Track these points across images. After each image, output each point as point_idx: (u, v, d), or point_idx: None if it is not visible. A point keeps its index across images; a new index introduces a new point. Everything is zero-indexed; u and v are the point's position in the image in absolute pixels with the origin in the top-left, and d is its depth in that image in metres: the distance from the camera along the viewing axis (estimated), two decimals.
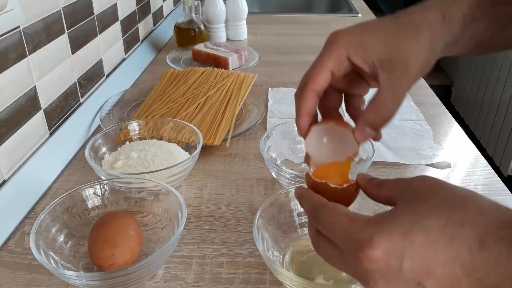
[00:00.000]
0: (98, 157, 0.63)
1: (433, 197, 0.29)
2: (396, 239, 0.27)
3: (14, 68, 0.57)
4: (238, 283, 0.47)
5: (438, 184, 0.31)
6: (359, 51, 0.36)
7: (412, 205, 0.29)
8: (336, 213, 0.31)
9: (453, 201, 0.29)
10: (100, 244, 0.46)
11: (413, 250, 0.27)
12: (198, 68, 0.93)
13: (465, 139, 0.76)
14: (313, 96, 0.37)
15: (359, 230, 0.29)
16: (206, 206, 0.59)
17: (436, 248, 0.27)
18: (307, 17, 1.55)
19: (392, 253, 0.27)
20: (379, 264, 0.28)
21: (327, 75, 0.36)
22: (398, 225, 0.28)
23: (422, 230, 0.27)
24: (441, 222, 0.27)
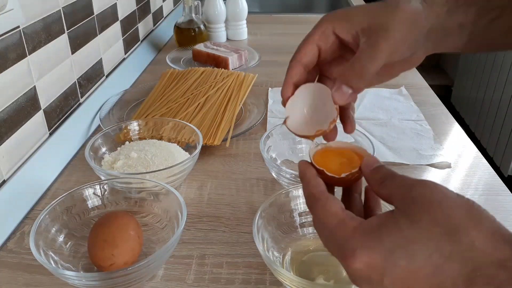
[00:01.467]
0: (98, 157, 0.63)
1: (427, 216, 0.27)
2: (378, 258, 0.27)
3: (14, 68, 0.57)
4: (238, 283, 0.47)
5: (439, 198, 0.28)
6: (343, 23, 0.37)
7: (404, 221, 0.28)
8: (327, 213, 0.31)
9: (446, 225, 0.27)
10: (100, 244, 0.45)
11: (395, 272, 0.27)
12: (198, 68, 0.93)
13: (465, 139, 0.76)
14: (299, 67, 0.38)
15: (345, 238, 0.29)
16: (206, 206, 0.59)
17: (418, 277, 0.26)
18: (307, 17, 1.55)
19: (373, 269, 0.27)
20: (361, 274, 0.28)
21: (312, 48, 0.38)
22: (382, 245, 0.27)
23: (405, 256, 0.27)
24: (428, 250, 0.26)
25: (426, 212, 0.28)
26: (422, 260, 0.26)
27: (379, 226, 0.29)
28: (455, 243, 0.26)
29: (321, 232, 0.32)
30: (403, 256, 0.27)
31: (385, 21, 0.35)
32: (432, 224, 0.27)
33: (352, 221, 0.30)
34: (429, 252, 0.26)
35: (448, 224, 0.27)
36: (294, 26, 1.44)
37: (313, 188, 0.33)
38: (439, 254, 0.26)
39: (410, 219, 0.28)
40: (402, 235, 0.27)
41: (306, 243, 0.51)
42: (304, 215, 0.52)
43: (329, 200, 0.32)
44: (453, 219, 0.27)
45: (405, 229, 0.27)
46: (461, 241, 0.26)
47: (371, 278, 0.28)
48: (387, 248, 0.27)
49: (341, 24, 0.37)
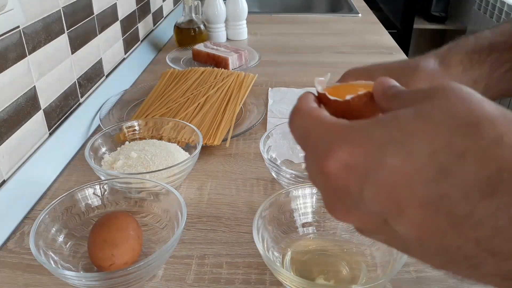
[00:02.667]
0: (98, 157, 0.63)
1: (442, 106, 0.20)
2: (361, 154, 0.21)
3: (14, 68, 0.57)
4: (238, 284, 0.47)
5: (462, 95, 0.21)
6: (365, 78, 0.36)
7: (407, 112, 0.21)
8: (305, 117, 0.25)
9: (466, 117, 0.19)
10: (99, 244, 0.45)
11: (381, 173, 0.20)
12: (198, 68, 0.93)
13: None
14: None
15: (320, 136, 0.23)
16: (206, 206, 0.59)
17: (414, 180, 0.19)
18: (307, 17, 1.55)
19: (352, 170, 0.21)
20: (335, 181, 0.22)
21: None
22: (370, 137, 0.21)
23: (401, 151, 0.20)
24: (433, 145, 0.19)
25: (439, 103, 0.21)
26: (423, 158, 0.19)
27: (370, 121, 0.22)
28: (475, 137, 0.19)
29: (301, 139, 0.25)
30: (396, 153, 0.20)
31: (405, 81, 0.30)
32: (446, 114, 0.20)
33: (331, 117, 0.24)
34: (435, 148, 0.19)
35: (469, 116, 0.19)
36: (294, 26, 1.44)
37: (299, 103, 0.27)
38: (448, 152, 0.19)
39: (416, 109, 0.21)
40: (399, 128, 0.21)
41: (306, 243, 0.51)
42: (303, 215, 0.52)
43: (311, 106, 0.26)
44: (477, 112, 0.20)
45: (407, 121, 0.21)
46: (483, 135, 0.19)
47: (348, 188, 0.21)
48: (376, 143, 0.21)
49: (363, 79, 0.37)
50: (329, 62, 1.12)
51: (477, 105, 0.20)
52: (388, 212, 0.21)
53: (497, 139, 0.18)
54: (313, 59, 1.14)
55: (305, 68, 1.08)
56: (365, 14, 1.57)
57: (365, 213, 0.22)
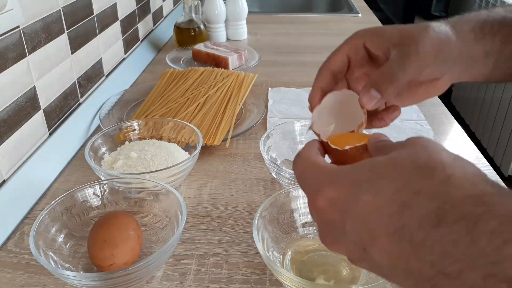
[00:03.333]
0: (98, 157, 0.63)
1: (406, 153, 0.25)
2: (342, 193, 0.25)
3: (14, 68, 0.57)
4: (238, 284, 0.47)
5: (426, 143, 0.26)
6: (375, 37, 0.38)
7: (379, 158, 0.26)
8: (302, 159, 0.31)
9: (423, 163, 0.24)
10: (99, 244, 0.45)
11: (358, 208, 0.24)
12: (198, 68, 0.93)
13: (466, 139, 0.76)
14: (327, 74, 0.39)
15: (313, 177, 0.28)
16: (206, 206, 0.59)
17: (382, 213, 0.23)
18: (307, 17, 1.55)
19: (336, 205, 0.25)
20: (324, 216, 0.26)
21: (342, 57, 0.39)
22: (349, 179, 0.26)
23: (371, 189, 0.24)
24: (396, 184, 0.24)
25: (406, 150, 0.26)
26: (389, 195, 0.24)
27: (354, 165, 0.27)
28: (428, 178, 0.23)
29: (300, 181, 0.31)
30: (368, 191, 0.24)
31: (417, 37, 0.36)
32: (410, 161, 0.25)
33: (324, 163, 0.29)
34: (397, 187, 0.24)
35: (426, 162, 0.24)
36: (294, 26, 1.44)
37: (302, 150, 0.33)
38: (407, 190, 0.23)
39: (387, 157, 0.26)
40: (373, 170, 0.25)
41: (306, 243, 0.51)
42: (303, 215, 0.52)
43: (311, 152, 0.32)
44: (434, 159, 0.24)
45: (379, 165, 0.25)
46: (434, 176, 0.23)
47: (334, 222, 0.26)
48: (354, 182, 0.25)
49: (372, 38, 0.38)
50: None
51: (435, 153, 0.25)
52: (365, 241, 0.24)
53: (445, 179, 0.23)
54: (313, 59, 1.14)
55: (305, 68, 1.08)
56: (365, 14, 1.57)
57: (349, 243, 0.26)
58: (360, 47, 0.38)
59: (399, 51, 0.36)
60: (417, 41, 0.35)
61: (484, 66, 0.39)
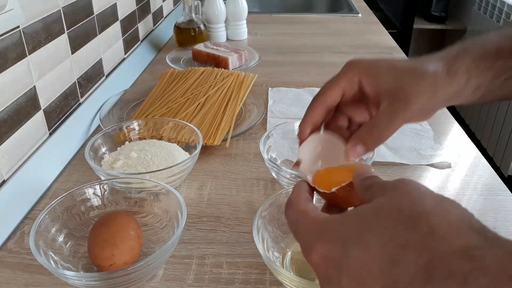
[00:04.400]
0: (98, 157, 0.63)
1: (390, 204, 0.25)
2: (333, 250, 0.26)
3: (14, 68, 0.57)
4: (238, 283, 0.47)
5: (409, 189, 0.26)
6: (370, 78, 0.39)
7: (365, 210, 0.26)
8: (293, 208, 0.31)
9: (407, 213, 0.24)
10: (99, 244, 0.45)
11: (349, 264, 0.25)
12: (198, 68, 0.93)
13: (465, 139, 0.76)
14: (321, 108, 0.40)
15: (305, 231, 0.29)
16: (206, 206, 0.59)
17: (373, 269, 0.23)
18: (307, 17, 1.55)
19: (329, 263, 0.26)
20: (320, 270, 0.27)
21: (337, 92, 0.39)
22: (337, 233, 0.26)
23: (359, 245, 0.24)
24: (383, 239, 0.24)
25: (389, 200, 0.26)
26: (376, 250, 0.24)
27: (341, 216, 0.27)
28: (412, 230, 0.23)
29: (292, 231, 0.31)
30: (357, 246, 0.24)
31: (408, 90, 0.37)
32: (393, 211, 0.25)
33: (314, 213, 0.30)
34: (384, 241, 0.24)
35: (409, 212, 0.24)
36: (294, 26, 1.44)
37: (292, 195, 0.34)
38: (394, 244, 0.23)
39: (372, 207, 0.26)
40: (359, 224, 0.25)
41: None
42: None
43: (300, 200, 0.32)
44: (417, 207, 0.24)
45: (364, 217, 0.26)
46: (419, 228, 0.23)
47: (329, 276, 0.26)
48: (342, 237, 0.26)
49: (367, 79, 0.39)
50: (329, 62, 1.12)
51: (418, 200, 0.25)
52: None
53: (430, 232, 0.23)
54: (313, 59, 1.14)
55: (305, 68, 1.08)
56: (365, 14, 1.57)
57: None
58: (355, 83, 0.39)
59: (389, 104, 0.37)
60: (408, 96, 0.37)
61: (472, 97, 0.40)
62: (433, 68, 0.38)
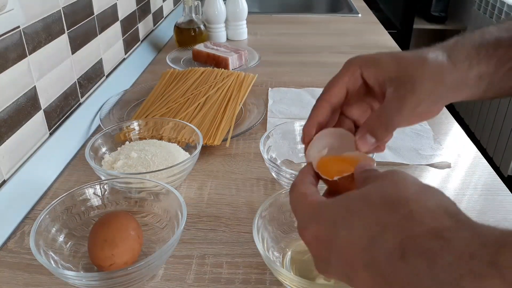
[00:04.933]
0: (98, 157, 0.63)
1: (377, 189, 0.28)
2: (323, 230, 0.28)
3: (14, 68, 0.57)
4: (238, 283, 0.47)
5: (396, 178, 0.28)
6: (371, 69, 0.38)
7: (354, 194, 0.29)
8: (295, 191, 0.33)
9: (391, 198, 0.26)
10: (100, 244, 0.45)
11: (338, 244, 0.27)
12: (198, 68, 0.93)
13: (465, 139, 0.76)
14: (325, 106, 0.39)
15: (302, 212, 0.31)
16: (206, 206, 0.59)
17: (357, 248, 0.26)
18: (307, 17, 1.55)
19: (320, 242, 0.28)
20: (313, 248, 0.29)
21: (341, 89, 0.39)
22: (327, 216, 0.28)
23: (346, 226, 0.27)
24: (366, 220, 0.26)
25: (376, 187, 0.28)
26: (360, 231, 0.26)
27: (333, 200, 0.29)
28: (393, 213, 0.25)
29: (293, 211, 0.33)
30: (343, 227, 0.27)
31: (413, 74, 0.36)
32: (378, 196, 0.27)
33: (312, 196, 0.31)
34: (367, 222, 0.26)
35: (393, 197, 0.26)
36: (294, 26, 1.44)
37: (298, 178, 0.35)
38: (375, 225, 0.25)
39: (360, 193, 0.28)
40: (347, 207, 0.28)
41: None
42: None
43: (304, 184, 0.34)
44: (400, 193, 0.26)
45: (352, 202, 0.28)
46: (399, 211, 0.25)
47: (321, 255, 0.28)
48: (331, 219, 0.28)
49: (369, 70, 0.38)
50: (329, 62, 1.12)
51: (402, 187, 0.27)
52: (348, 273, 0.27)
53: (408, 214, 0.25)
54: (313, 59, 1.14)
55: (305, 68, 1.08)
56: (365, 14, 1.57)
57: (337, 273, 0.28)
58: (358, 77, 0.39)
59: (395, 90, 0.36)
60: (413, 79, 0.36)
61: (477, 88, 0.39)
62: (434, 55, 0.37)
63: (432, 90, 0.37)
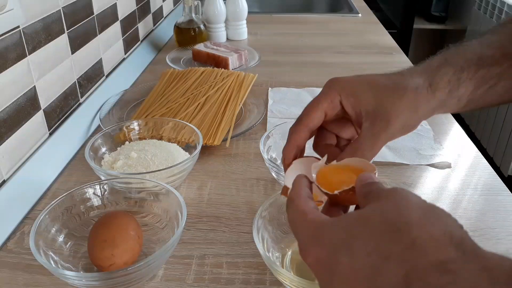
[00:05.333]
0: (98, 157, 0.63)
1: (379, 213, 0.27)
2: (324, 254, 0.27)
3: (14, 68, 0.57)
4: (238, 284, 0.47)
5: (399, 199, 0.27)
6: (350, 98, 0.39)
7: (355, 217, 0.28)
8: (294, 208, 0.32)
9: (393, 224, 0.25)
10: (99, 244, 0.45)
11: (339, 269, 0.26)
12: (198, 68, 0.93)
13: (465, 139, 0.76)
14: (304, 131, 0.40)
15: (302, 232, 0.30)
16: (206, 206, 0.59)
17: (359, 276, 0.25)
18: (307, 17, 1.55)
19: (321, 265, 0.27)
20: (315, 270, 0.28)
21: (320, 114, 0.40)
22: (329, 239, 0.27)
23: (347, 252, 0.26)
24: (367, 247, 0.25)
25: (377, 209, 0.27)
26: (362, 258, 0.25)
27: (334, 221, 0.29)
28: (395, 242, 0.24)
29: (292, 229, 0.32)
30: (345, 253, 0.26)
31: (388, 111, 0.38)
32: (379, 221, 0.26)
33: (312, 215, 0.30)
34: (369, 250, 0.25)
35: (396, 223, 0.25)
36: (294, 26, 1.44)
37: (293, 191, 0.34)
38: (378, 254, 0.24)
39: (360, 215, 0.27)
40: (348, 231, 0.27)
41: None
42: None
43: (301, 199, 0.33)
44: (402, 218, 0.25)
45: (352, 225, 0.27)
46: (401, 239, 0.24)
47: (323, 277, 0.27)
48: (332, 244, 0.27)
49: (348, 99, 0.40)
50: (329, 62, 1.12)
51: (404, 211, 0.26)
52: None
53: (411, 243, 0.24)
54: (313, 59, 1.14)
55: (305, 68, 1.08)
56: (365, 14, 1.57)
57: None
58: (337, 103, 0.40)
59: (371, 126, 0.38)
60: (389, 115, 0.38)
61: (456, 107, 0.41)
62: (413, 84, 0.38)
63: (406, 121, 0.38)
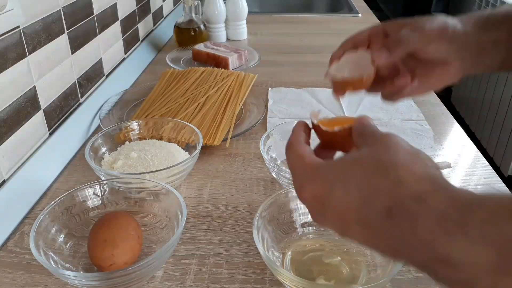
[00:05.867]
0: (98, 157, 0.63)
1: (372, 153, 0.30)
2: (320, 188, 0.31)
3: (14, 68, 0.57)
4: (238, 284, 0.47)
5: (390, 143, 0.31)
6: (393, 23, 0.46)
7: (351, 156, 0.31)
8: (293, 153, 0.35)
9: (383, 162, 0.29)
10: (99, 244, 0.45)
11: (333, 202, 0.30)
12: (198, 68, 0.93)
13: (465, 139, 0.76)
14: (350, 43, 0.49)
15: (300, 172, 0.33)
16: (206, 206, 0.59)
17: (350, 207, 0.29)
18: (307, 17, 1.55)
19: (317, 199, 0.31)
20: (309, 205, 0.32)
21: (365, 35, 0.48)
22: (325, 176, 0.31)
23: (342, 187, 0.30)
24: (360, 183, 0.29)
25: (371, 151, 0.31)
26: (354, 193, 0.29)
27: (330, 163, 0.32)
28: (384, 177, 0.28)
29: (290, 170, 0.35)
30: (339, 187, 0.30)
31: (425, 19, 0.44)
32: (371, 161, 0.30)
33: (309, 158, 0.34)
34: (361, 186, 0.29)
35: (385, 161, 0.29)
36: (294, 26, 1.44)
37: (293, 137, 0.37)
38: (368, 188, 0.28)
39: (355, 156, 0.31)
40: (343, 168, 0.31)
41: (306, 243, 0.51)
42: (303, 215, 0.52)
43: (300, 144, 0.36)
44: (392, 158, 0.29)
45: (347, 165, 0.31)
46: (389, 175, 0.28)
47: (317, 210, 0.32)
48: (328, 179, 0.31)
49: (391, 24, 0.47)
50: None
51: (393, 153, 0.30)
52: (341, 226, 0.31)
53: (397, 179, 0.28)
54: (313, 59, 1.14)
55: (305, 68, 1.08)
56: (365, 14, 1.57)
57: (331, 225, 0.32)
58: (381, 31, 0.47)
59: (410, 28, 0.44)
60: (424, 21, 0.43)
61: (496, 53, 0.43)
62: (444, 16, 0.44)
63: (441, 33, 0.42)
